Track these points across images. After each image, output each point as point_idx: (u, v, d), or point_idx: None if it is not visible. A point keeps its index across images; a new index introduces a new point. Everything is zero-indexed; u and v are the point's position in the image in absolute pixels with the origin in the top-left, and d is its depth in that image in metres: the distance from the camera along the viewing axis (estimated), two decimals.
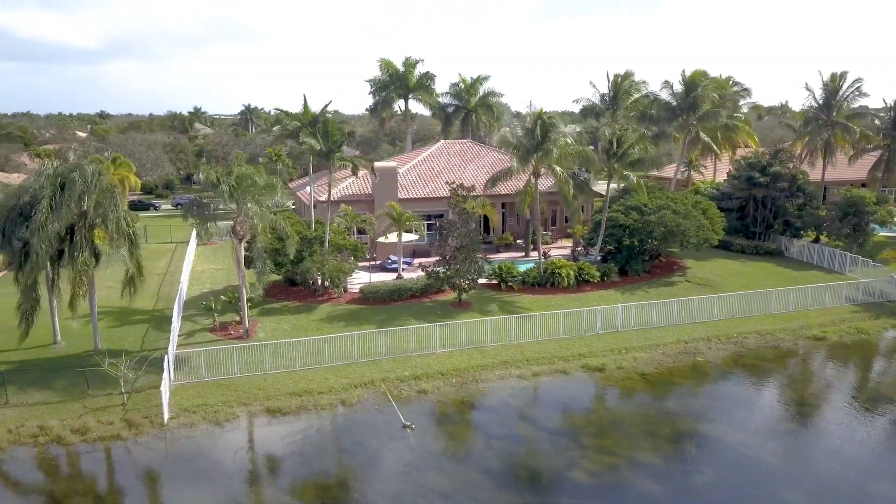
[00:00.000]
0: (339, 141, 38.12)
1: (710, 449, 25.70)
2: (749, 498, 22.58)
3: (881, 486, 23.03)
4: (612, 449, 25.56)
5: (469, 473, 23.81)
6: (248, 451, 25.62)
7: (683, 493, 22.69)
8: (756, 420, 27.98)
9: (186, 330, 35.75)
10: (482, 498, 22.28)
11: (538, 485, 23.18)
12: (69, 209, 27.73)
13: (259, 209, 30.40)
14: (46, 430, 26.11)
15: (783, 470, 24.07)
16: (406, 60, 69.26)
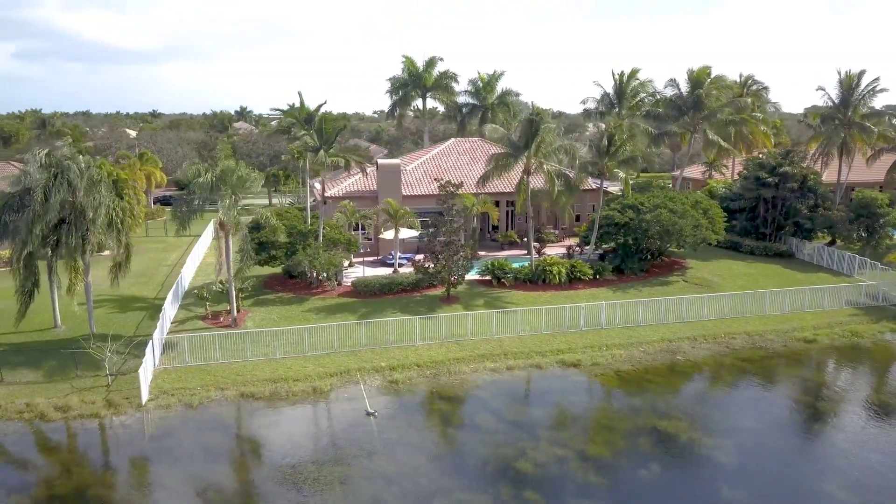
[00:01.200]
0: (333, 137, 39.15)
1: (663, 445, 25.80)
2: (688, 493, 22.71)
3: (829, 486, 22.81)
4: (566, 441, 25.87)
5: (418, 460, 24.48)
6: (214, 432, 26.74)
7: (622, 486, 22.93)
8: (717, 419, 27.91)
9: (181, 318, 37.32)
10: (423, 483, 22.94)
11: (481, 472, 23.71)
12: (61, 196, 29.36)
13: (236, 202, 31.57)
14: (32, 407, 27.82)
15: (732, 467, 24.04)
16: (428, 60, 70.14)
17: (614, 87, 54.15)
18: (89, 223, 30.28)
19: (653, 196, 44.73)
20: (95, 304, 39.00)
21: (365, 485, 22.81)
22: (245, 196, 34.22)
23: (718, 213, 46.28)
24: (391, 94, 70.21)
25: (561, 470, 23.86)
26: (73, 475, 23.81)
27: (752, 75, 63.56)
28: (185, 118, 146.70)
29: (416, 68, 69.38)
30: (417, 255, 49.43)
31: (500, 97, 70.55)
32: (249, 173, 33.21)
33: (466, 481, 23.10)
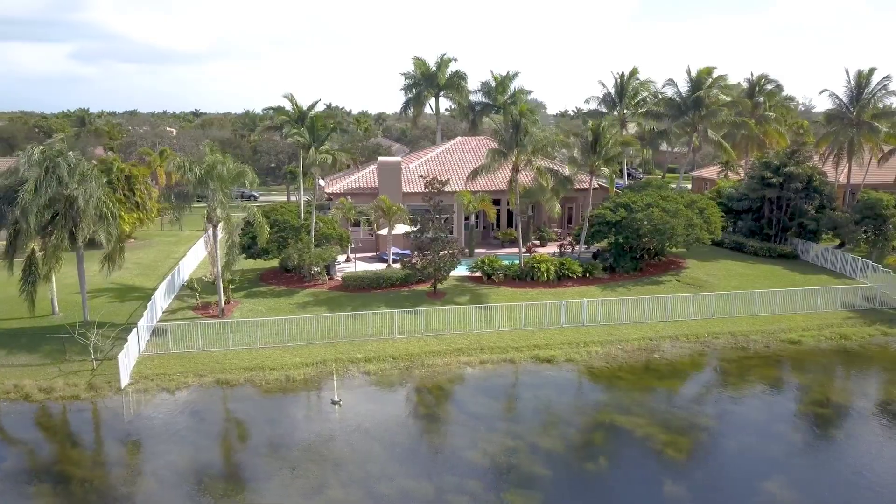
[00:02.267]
0: (324, 136, 40.16)
1: (617, 440, 26.03)
2: (628, 486, 22.93)
3: (772, 484, 22.77)
4: (521, 434, 26.28)
5: (371, 447, 25.20)
6: (182, 416, 27.87)
7: (565, 478, 23.27)
8: (677, 416, 27.93)
9: (174, 307, 38.72)
10: (371, 469, 23.64)
11: (430, 461, 24.30)
12: (51, 190, 30.93)
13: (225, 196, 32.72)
14: (19, 388, 29.36)
15: (680, 464, 24.16)
16: (440, 59, 70.87)
17: (615, 87, 53.98)
18: (80, 215, 31.71)
19: (646, 195, 44.59)
20: (98, 293, 40.91)
21: (314, 469, 23.61)
22: (267, 193, 35.36)
23: (715, 213, 45.88)
24: (405, 92, 71.09)
25: (508, 461, 24.30)
26: (41, 451, 25.21)
27: (766, 74, 62.45)
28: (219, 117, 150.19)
29: (428, 69, 70.14)
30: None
31: (511, 97, 70.83)
32: (238, 167, 34.33)
33: (413, 468, 23.74)
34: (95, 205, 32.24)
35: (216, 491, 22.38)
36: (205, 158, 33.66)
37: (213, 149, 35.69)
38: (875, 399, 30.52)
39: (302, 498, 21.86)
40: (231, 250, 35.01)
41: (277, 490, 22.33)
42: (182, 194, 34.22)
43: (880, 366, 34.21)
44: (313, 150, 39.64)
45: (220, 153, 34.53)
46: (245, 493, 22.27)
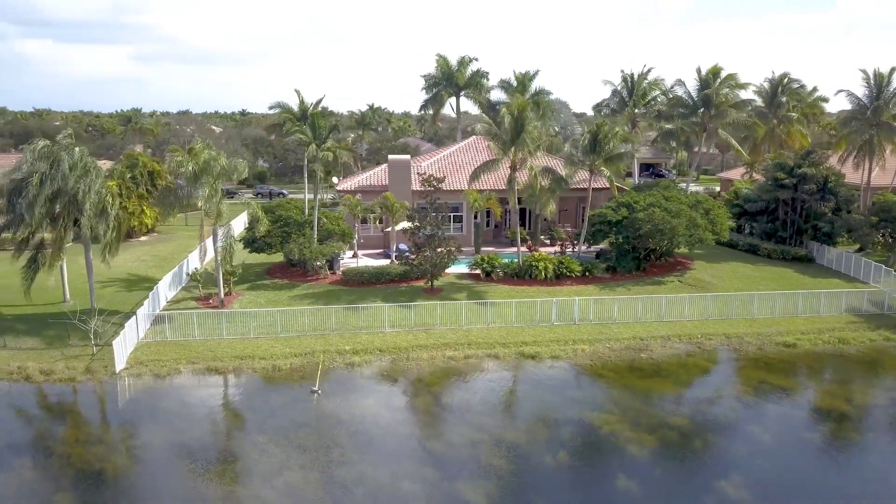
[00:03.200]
0: (326, 133, 41.19)
1: (582, 436, 26.23)
2: (584, 481, 23.16)
3: (727, 484, 22.68)
4: (488, 427, 26.69)
5: (338, 434, 26.00)
6: (167, 400, 29.12)
7: (523, 470, 23.59)
8: (648, 414, 27.90)
9: (179, 297, 40.24)
10: (333, 454, 24.43)
11: (394, 449, 24.91)
12: (54, 183, 32.63)
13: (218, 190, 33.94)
14: (22, 370, 31.10)
15: (640, 460, 24.22)
16: (461, 58, 71.41)
17: (625, 86, 53.58)
18: (80, 206, 33.32)
19: (649, 195, 44.32)
20: (110, 283, 42.81)
21: (278, 453, 24.50)
22: (297, 191, 36.44)
23: (721, 214, 45.31)
24: (425, 91, 71.81)
25: (470, 452, 24.75)
26: (32, 426, 26.77)
27: (788, 73, 61.03)
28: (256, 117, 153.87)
29: (449, 68, 70.72)
30: None
31: (533, 96, 70.78)
32: (232, 163, 35.58)
33: (374, 456, 24.40)
34: (96, 198, 33.75)
35: (179, 470, 23.44)
36: (201, 154, 34.86)
37: (207, 145, 36.96)
38: (850, 403, 29.75)
39: (259, 479, 22.74)
40: (227, 243, 36.23)
41: (238, 470, 23.29)
42: (168, 189, 35.48)
43: (872, 371, 33.41)
44: (314, 147, 40.66)
45: (213, 149, 35.73)
46: (207, 473, 23.25)
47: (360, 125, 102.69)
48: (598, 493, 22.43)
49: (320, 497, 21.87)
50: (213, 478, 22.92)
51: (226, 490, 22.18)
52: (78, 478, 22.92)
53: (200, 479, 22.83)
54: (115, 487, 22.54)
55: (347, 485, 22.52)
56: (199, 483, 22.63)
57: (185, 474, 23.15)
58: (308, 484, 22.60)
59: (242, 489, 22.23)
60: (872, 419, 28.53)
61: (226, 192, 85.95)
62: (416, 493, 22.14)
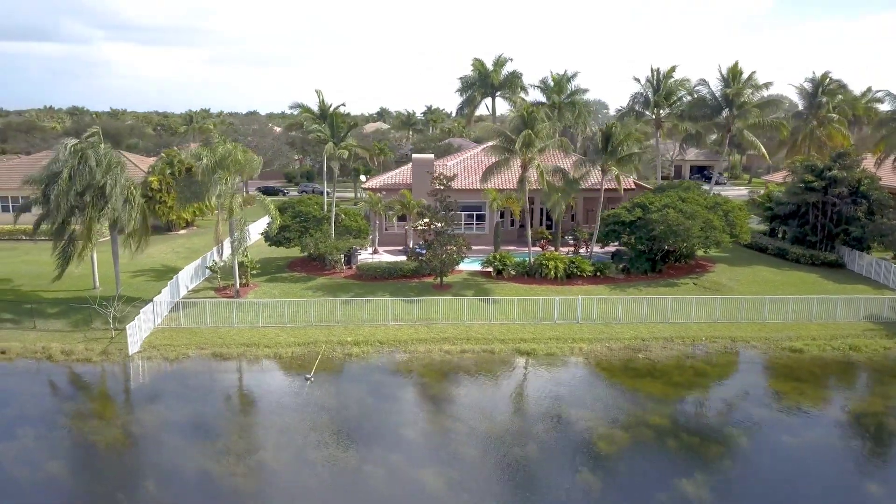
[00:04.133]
0: (344, 132, 42.57)
1: (556, 430, 26.53)
2: (544, 473, 23.53)
3: (688, 483, 22.68)
4: (465, 417, 27.36)
5: (319, 418, 27.16)
6: (171, 381, 30.91)
7: (488, 459, 24.17)
8: (627, 413, 27.97)
9: (201, 287, 42.30)
10: (310, 437, 25.58)
11: (368, 434, 25.85)
12: (83, 177, 35.00)
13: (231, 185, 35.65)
14: (46, 350, 33.53)
15: (606, 456, 24.43)
16: (496, 59, 71.98)
17: (651, 86, 52.93)
18: (106, 199, 35.59)
19: (665, 196, 43.93)
20: (141, 272, 45.36)
21: (259, 434, 25.92)
22: (341, 190, 37.84)
23: (740, 216, 44.48)
24: (460, 92, 72.64)
25: (440, 441, 25.52)
26: (43, 399, 28.96)
27: (829, 72, 58.92)
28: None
29: (485, 69, 71.34)
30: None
31: (569, 96, 70.69)
32: (249, 158, 37.29)
33: (348, 440, 25.42)
34: (120, 191, 35.97)
35: (167, 445, 25.02)
36: (217, 149, 36.65)
37: (224, 140, 38.74)
38: (843, 411, 28.88)
39: (234, 457, 24.05)
40: (241, 236, 37.96)
41: (218, 448, 24.67)
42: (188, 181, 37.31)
43: (877, 379, 32.34)
44: (331, 146, 42.08)
45: (231, 145, 37.46)
46: (189, 449, 24.73)
47: (405, 125, 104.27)
48: (555, 485, 22.76)
49: (286, 475, 22.99)
50: (191, 455, 24.36)
51: (198, 466, 23.57)
52: (69, 447, 24.82)
53: (177, 455, 24.30)
54: (96, 455, 24.24)
55: (315, 465, 23.61)
56: (173, 458, 24.10)
57: (163, 449, 24.71)
58: (278, 462, 23.78)
59: (215, 465, 23.57)
60: (851, 426, 27.58)
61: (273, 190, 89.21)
62: (377, 476, 23.02)
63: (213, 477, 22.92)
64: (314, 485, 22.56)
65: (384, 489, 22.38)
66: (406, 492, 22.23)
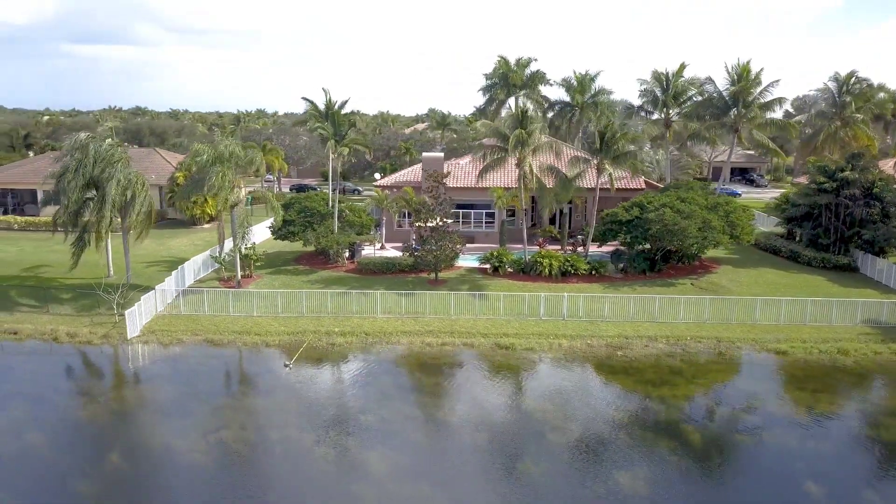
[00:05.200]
0: (345, 130, 43.91)
1: (509, 421, 27.18)
2: (483, 460, 24.22)
3: (624, 475, 23.01)
4: (426, 405, 28.30)
5: (289, 402, 28.49)
6: (160, 363, 32.76)
7: (438, 445, 25.04)
8: (588, 407, 28.33)
9: (209, 277, 44.26)
10: (275, 419, 26.93)
11: (328, 418, 27.00)
12: (87, 171, 37.26)
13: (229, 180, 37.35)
14: (53, 332, 35.90)
15: (552, 448, 24.91)
16: (518, 60, 72.32)
17: (659, 85, 52.40)
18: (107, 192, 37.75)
19: (665, 195, 43.74)
20: (158, 262, 47.70)
21: (228, 414, 27.39)
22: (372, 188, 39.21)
23: (743, 218, 43.89)
24: (483, 92, 73.21)
25: (396, 426, 26.42)
26: (40, 376, 31.15)
27: (855, 72, 57.09)
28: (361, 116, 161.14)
29: (509, 68, 71.70)
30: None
31: (592, 96, 70.50)
32: (247, 154, 38.97)
33: (308, 422, 26.63)
34: (118, 185, 37.99)
35: (138, 422, 26.72)
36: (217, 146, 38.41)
37: (226, 137, 40.52)
38: (791, 412, 28.42)
39: (198, 433, 25.53)
40: (243, 230, 39.66)
41: (187, 424, 26.21)
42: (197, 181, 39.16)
43: (853, 383, 31.65)
44: (333, 143, 43.48)
45: (229, 141, 39.17)
46: (158, 426, 26.35)
47: (439, 125, 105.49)
48: (493, 472, 23.39)
49: (241, 452, 24.32)
50: (157, 431, 25.95)
51: (163, 442, 25.13)
52: (48, 420, 26.75)
53: (143, 431, 25.95)
54: (69, 428, 26.06)
55: (271, 444, 24.86)
56: (140, 433, 25.76)
57: (133, 426, 26.42)
58: (237, 440, 25.16)
59: (180, 441, 25.09)
60: (803, 427, 27.11)
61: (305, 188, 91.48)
62: (325, 457, 24.14)
63: (174, 451, 24.43)
64: (264, 462, 23.77)
65: (329, 469, 23.45)
66: (348, 472, 23.21)
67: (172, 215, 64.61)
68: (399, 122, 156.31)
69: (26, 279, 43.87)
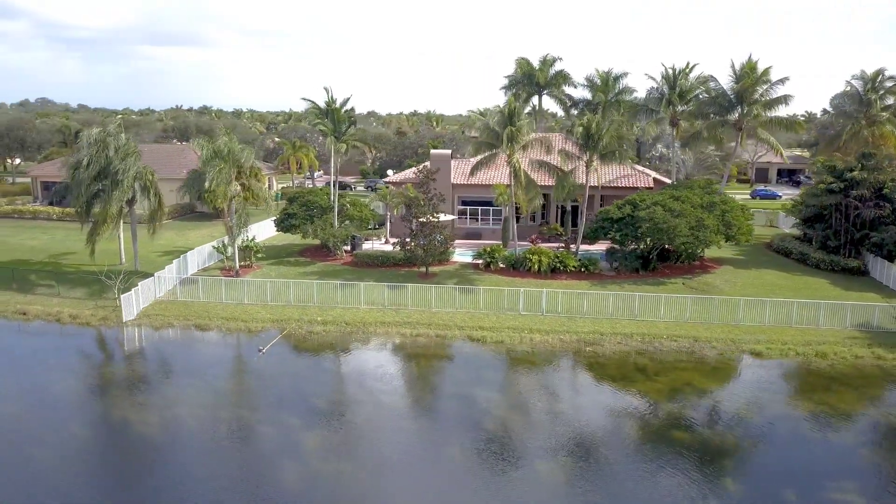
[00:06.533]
0: (345, 127, 45.31)
1: (455, 408, 27.87)
2: (424, 444, 25.00)
3: (545, 465, 23.40)
4: (382, 391, 29.26)
5: (251, 384, 30.20)
6: (144, 343, 34.84)
7: (378, 428, 25.90)
8: (541, 398, 28.70)
9: (213, 266, 46.41)
10: (229, 398, 28.55)
11: (279, 399, 28.31)
12: (99, 164, 39.79)
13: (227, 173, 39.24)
14: (58, 313, 38.57)
15: (489, 434, 25.48)
16: (542, 59, 72.36)
17: (667, 83, 51.53)
18: (119, 183, 40.21)
19: (658, 194, 43.36)
20: (173, 251, 50.15)
21: (189, 392, 28.98)
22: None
23: (740, 218, 43.07)
24: (504, 91, 73.46)
25: (343, 409, 27.54)
26: (32, 351, 33.61)
27: (884, 69, 54.67)
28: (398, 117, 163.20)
29: (532, 69, 71.77)
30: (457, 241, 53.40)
31: (616, 95, 69.86)
32: (243, 149, 40.81)
33: (259, 403, 28.10)
34: (134, 177, 40.43)
35: (106, 394, 28.67)
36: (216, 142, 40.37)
37: (227, 132, 42.44)
38: (756, 413, 27.86)
39: (153, 410, 27.22)
40: (241, 221, 41.54)
41: (144, 401, 27.96)
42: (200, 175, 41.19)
43: (820, 386, 30.70)
44: (332, 140, 44.93)
45: (226, 138, 41.07)
46: (120, 399, 28.21)
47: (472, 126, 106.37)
48: (418, 453, 24.16)
49: (190, 427, 25.85)
50: (119, 406, 27.79)
51: (121, 415, 26.92)
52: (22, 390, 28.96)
53: (105, 406, 27.83)
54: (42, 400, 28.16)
55: (219, 422, 26.31)
56: (102, 408, 27.64)
57: (97, 400, 28.38)
58: (191, 417, 26.72)
59: (135, 414, 26.83)
60: (735, 427, 26.63)
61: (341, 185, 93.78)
62: (267, 434, 25.41)
63: (128, 423, 26.18)
64: (207, 438, 25.21)
65: (265, 445, 24.69)
66: (283, 449, 24.35)
67: (200, 208, 67.48)
68: (444, 122, 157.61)
69: (48, 265, 47.04)
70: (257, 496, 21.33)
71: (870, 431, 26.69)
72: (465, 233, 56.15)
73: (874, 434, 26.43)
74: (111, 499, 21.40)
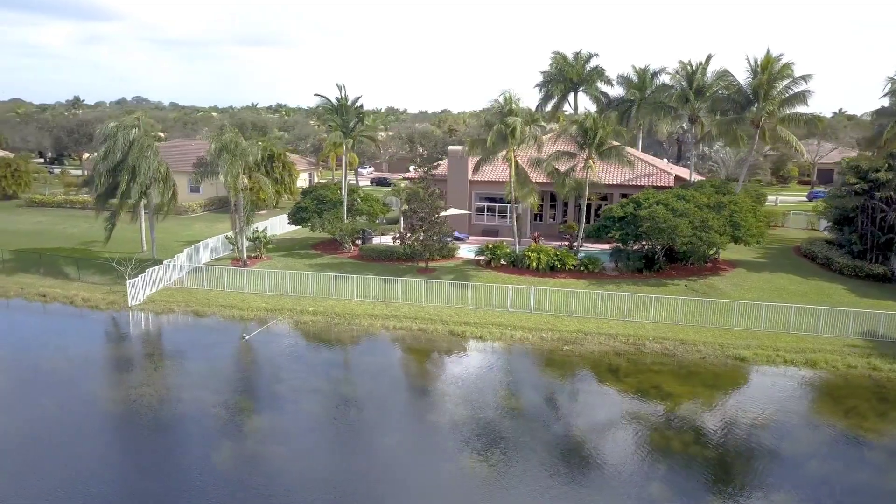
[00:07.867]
0: (354, 123, 46.22)
1: (413, 400, 28.27)
2: (368, 430, 25.47)
3: (467, 458, 23.44)
4: (344, 381, 30.04)
5: (227, 369, 31.41)
6: (141, 326, 36.75)
7: (327, 413, 26.59)
8: (500, 394, 28.63)
9: (225, 256, 48.23)
10: (200, 380, 29.65)
11: (246, 384, 29.44)
12: (114, 156, 42.09)
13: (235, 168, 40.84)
14: (73, 297, 41.11)
15: (438, 426, 25.71)
16: (577, 55, 71.53)
17: (686, 78, 49.76)
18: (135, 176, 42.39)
19: (664, 192, 42.24)
20: (191, 241, 52.26)
21: (166, 375, 30.53)
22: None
23: (749, 219, 41.41)
24: (539, 88, 72.89)
25: (301, 396, 28.32)
26: (40, 330, 35.95)
27: None
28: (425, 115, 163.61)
29: (567, 64, 70.99)
30: (469, 236, 53.56)
31: (653, 92, 68.23)
32: (249, 145, 42.27)
33: (226, 387, 29.15)
34: (147, 168, 42.54)
35: (85, 372, 30.48)
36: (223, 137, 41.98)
37: (231, 130, 43.95)
38: (713, 418, 26.78)
39: (125, 388, 28.75)
40: (246, 213, 43.08)
41: (122, 379, 29.63)
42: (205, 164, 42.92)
43: (796, 395, 29.36)
44: (339, 135, 45.91)
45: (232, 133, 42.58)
46: (95, 377, 29.97)
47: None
48: (365, 442, 24.63)
49: (152, 405, 27.17)
50: (94, 382, 29.45)
51: (91, 391, 28.55)
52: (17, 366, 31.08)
53: (86, 384, 29.51)
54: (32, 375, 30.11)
55: (179, 403, 27.55)
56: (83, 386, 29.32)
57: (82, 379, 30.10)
58: (155, 395, 28.07)
59: (107, 392, 28.46)
60: (676, 433, 25.80)
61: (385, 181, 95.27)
62: (221, 417, 26.40)
63: (98, 399, 27.76)
64: (171, 417, 26.42)
65: (222, 427, 25.65)
66: (238, 430, 25.28)
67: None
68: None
69: (77, 251, 49.99)
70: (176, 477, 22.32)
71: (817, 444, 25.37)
72: (483, 229, 56.15)
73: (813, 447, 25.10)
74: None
